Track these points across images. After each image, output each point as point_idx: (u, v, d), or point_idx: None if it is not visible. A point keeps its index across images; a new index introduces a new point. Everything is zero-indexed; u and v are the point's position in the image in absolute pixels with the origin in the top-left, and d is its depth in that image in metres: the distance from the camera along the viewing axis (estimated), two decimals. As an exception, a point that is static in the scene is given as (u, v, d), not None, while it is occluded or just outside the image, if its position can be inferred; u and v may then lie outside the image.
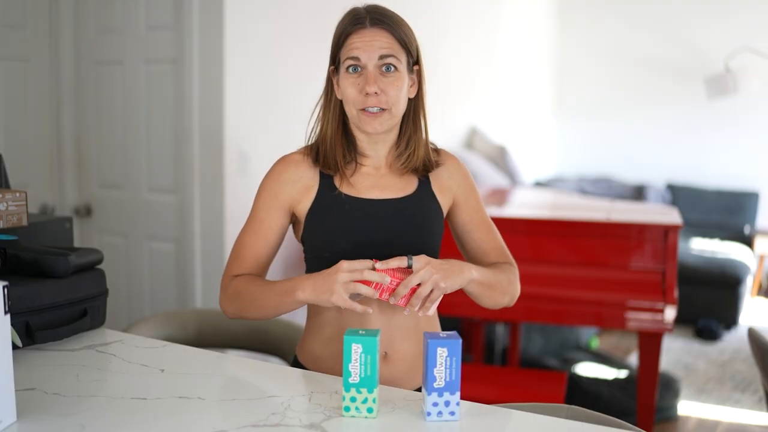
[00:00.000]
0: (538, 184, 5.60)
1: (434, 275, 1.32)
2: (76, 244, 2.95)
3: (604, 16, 6.27)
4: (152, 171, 2.96)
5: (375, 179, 1.49)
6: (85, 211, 3.12)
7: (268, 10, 2.95)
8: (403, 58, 1.42)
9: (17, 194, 1.56)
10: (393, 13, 1.44)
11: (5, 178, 1.81)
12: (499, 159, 4.74)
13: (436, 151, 1.55)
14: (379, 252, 1.42)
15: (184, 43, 2.78)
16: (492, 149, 4.79)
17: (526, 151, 5.71)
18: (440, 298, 1.35)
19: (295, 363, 1.55)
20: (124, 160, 3.02)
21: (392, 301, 1.32)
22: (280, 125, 3.04)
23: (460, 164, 1.57)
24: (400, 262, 1.33)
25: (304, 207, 1.47)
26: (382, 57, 1.39)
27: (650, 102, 6.14)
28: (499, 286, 1.47)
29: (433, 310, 1.36)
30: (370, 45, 1.39)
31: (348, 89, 1.41)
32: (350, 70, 1.41)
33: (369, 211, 1.46)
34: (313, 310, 1.51)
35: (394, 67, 1.40)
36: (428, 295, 1.33)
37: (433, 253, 1.49)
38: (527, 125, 5.91)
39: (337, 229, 1.44)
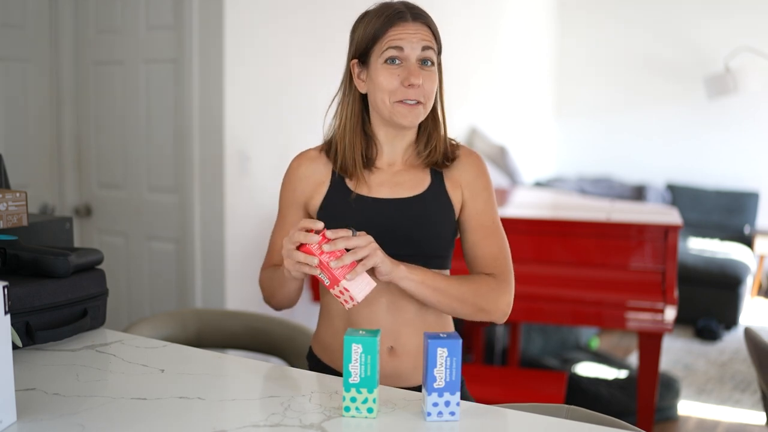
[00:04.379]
0: (538, 184, 5.60)
1: (373, 244, 1.30)
2: (76, 244, 2.95)
3: (604, 16, 6.28)
4: (152, 171, 2.96)
5: (387, 176, 1.48)
6: (85, 211, 3.12)
7: (268, 10, 2.95)
8: (436, 54, 1.45)
9: (17, 194, 1.57)
10: (427, 12, 1.48)
11: (5, 178, 1.81)
12: (499, 159, 4.75)
13: (456, 146, 1.53)
14: (388, 251, 1.41)
15: (184, 43, 2.78)
16: (492, 149, 4.79)
17: (526, 151, 5.71)
18: (365, 268, 1.29)
19: (310, 353, 1.58)
20: (124, 160, 3.02)
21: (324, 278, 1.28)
22: (280, 125, 3.04)
23: (476, 161, 1.52)
24: (346, 240, 1.28)
25: (315, 202, 1.50)
26: (424, 48, 1.41)
27: (650, 102, 6.14)
28: (452, 293, 1.41)
29: (356, 276, 1.28)
30: (414, 36, 1.40)
31: (386, 80, 1.40)
32: (389, 61, 1.40)
33: (379, 210, 1.45)
34: (324, 302, 1.53)
35: (431, 61, 1.42)
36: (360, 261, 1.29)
37: (446, 254, 1.48)
38: (527, 125, 5.91)
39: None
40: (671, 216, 2.98)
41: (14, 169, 2.61)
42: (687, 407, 3.60)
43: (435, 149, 1.48)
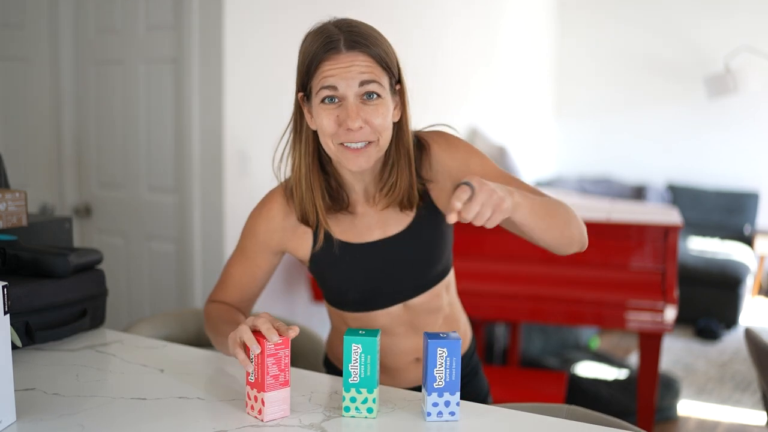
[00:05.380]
0: (538, 184, 5.60)
1: (494, 197, 1.11)
2: (76, 244, 2.95)
3: (604, 16, 6.27)
4: (152, 171, 2.96)
5: (372, 217, 1.37)
6: (85, 211, 3.12)
7: (268, 10, 2.95)
8: (386, 80, 1.25)
9: (17, 194, 1.57)
10: (368, 28, 1.27)
11: (5, 178, 1.82)
12: (499, 159, 4.75)
13: (420, 144, 1.37)
14: (394, 289, 1.40)
15: (184, 43, 2.78)
16: (492, 149, 4.79)
17: (526, 151, 5.71)
18: (494, 223, 1.13)
19: (327, 360, 1.58)
20: (124, 160, 3.02)
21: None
22: (280, 125, 3.04)
23: (442, 141, 1.38)
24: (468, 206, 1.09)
25: (303, 253, 1.40)
26: (363, 83, 1.22)
27: (650, 102, 6.14)
28: (558, 212, 1.27)
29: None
30: (347, 71, 1.21)
31: (324, 120, 1.23)
32: (326, 101, 1.23)
33: (374, 255, 1.37)
34: (337, 329, 1.51)
35: (377, 94, 1.23)
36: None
37: (448, 260, 1.45)
38: (527, 125, 5.91)
39: (345, 281, 1.39)
40: (671, 216, 2.98)
41: (14, 169, 2.61)
42: (687, 407, 3.60)
43: (395, 185, 1.32)
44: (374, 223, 1.37)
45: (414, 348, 1.45)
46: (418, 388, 1.43)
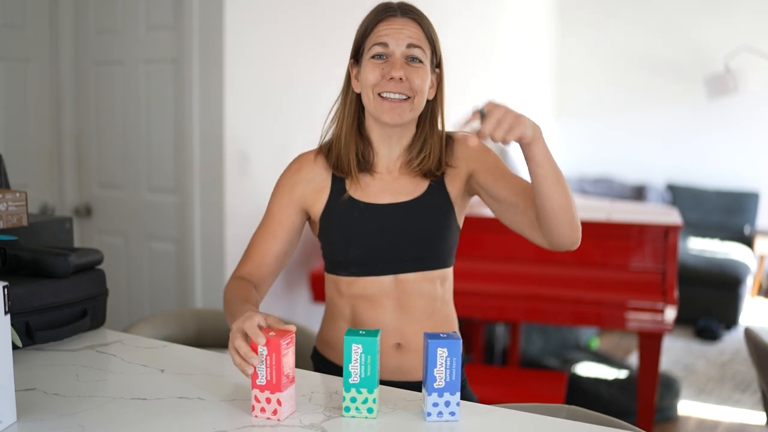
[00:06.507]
0: (538, 184, 5.58)
1: (508, 114, 1.20)
2: (76, 244, 2.95)
3: (604, 16, 6.28)
4: (152, 171, 2.96)
5: (386, 182, 1.48)
6: (85, 211, 3.12)
7: (268, 10, 2.95)
8: (428, 54, 1.42)
9: (17, 194, 1.57)
10: (423, 13, 1.46)
11: (5, 178, 1.81)
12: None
13: (450, 139, 1.51)
14: (391, 256, 1.44)
15: (184, 43, 2.78)
16: (492, 149, 4.79)
17: (526, 151, 5.70)
18: (515, 134, 1.20)
19: (315, 353, 1.59)
20: (124, 160, 3.02)
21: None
22: (280, 125, 3.04)
23: (464, 139, 1.49)
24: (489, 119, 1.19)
25: (317, 209, 1.49)
26: (409, 46, 1.39)
27: (650, 102, 6.14)
28: (564, 182, 1.32)
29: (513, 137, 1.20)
30: (399, 32, 1.39)
31: (369, 73, 1.40)
32: (375, 57, 1.40)
33: (379, 216, 1.45)
34: (330, 304, 1.54)
35: (419, 60, 1.40)
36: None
37: (449, 252, 1.50)
38: (527, 125, 5.90)
39: (349, 236, 1.46)
40: (671, 216, 2.98)
41: (14, 169, 2.61)
42: (687, 407, 3.60)
43: (428, 157, 1.46)
44: (387, 188, 1.47)
45: (396, 330, 1.46)
46: (398, 384, 1.42)
